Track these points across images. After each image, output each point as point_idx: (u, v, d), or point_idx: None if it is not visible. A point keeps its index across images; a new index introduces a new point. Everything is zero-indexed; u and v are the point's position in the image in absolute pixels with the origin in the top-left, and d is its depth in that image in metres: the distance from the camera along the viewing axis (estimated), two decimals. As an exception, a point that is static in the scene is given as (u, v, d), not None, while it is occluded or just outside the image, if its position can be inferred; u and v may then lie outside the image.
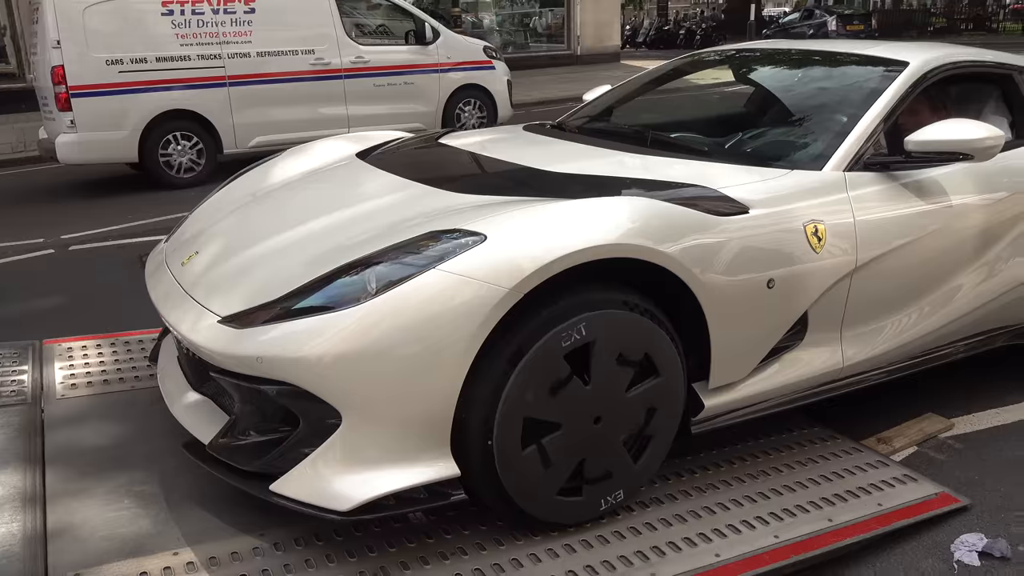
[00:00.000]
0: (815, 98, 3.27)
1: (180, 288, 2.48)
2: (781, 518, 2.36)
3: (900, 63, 3.08)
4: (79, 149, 7.57)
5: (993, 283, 3.01)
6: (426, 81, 9.24)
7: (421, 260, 2.07)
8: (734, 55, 4.03)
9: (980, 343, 3.13)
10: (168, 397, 2.56)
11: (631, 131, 3.44)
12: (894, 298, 2.77)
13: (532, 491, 2.18)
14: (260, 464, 2.12)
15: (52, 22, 7.29)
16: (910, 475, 2.62)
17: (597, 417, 2.23)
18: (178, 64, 7.85)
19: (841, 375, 2.72)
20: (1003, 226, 2.99)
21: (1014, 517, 2.49)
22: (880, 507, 2.44)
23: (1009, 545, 2.34)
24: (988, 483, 2.66)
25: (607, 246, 2.13)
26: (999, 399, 3.18)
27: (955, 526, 2.45)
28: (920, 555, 2.34)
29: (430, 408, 2.03)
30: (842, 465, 2.66)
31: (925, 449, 2.86)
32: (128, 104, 7.65)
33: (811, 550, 2.25)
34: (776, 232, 2.46)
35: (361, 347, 1.98)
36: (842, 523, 2.36)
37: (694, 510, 2.39)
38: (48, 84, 7.53)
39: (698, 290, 2.27)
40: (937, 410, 3.08)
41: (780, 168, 2.71)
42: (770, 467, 2.64)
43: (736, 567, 2.16)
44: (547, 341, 2.08)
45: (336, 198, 2.80)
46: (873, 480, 2.58)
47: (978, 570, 2.27)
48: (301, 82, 8.44)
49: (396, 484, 2.03)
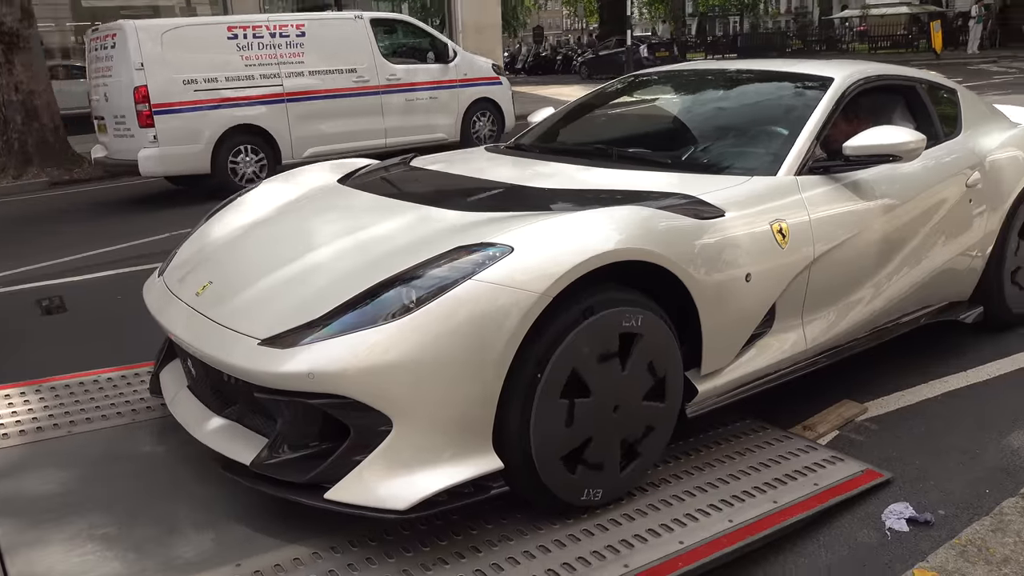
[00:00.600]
0: (758, 111, 3.64)
1: (204, 317, 2.54)
2: (732, 504, 2.53)
3: (826, 78, 3.47)
4: (160, 162, 8.39)
5: (920, 267, 3.43)
6: (448, 95, 10.49)
7: (456, 272, 2.22)
8: (674, 75, 4.41)
9: (909, 323, 3.53)
10: (188, 426, 2.59)
11: (594, 148, 3.71)
12: (843, 285, 3.13)
13: (549, 447, 2.33)
14: (313, 476, 2.21)
15: (135, 46, 8.14)
16: (837, 456, 2.85)
17: (616, 406, 2.45)
18: (243, 83, 8.78)
19: (806, 355, 3.05)
20: (924, 217, 3.41)
21: (931, 486, 2.75)
22: (816, 487, 2.65)
23: (931, 511, 2.59)
24: (905, 458, 2.92)
25: (623, 250, 2.37)
26: (903, 382, 3.48)
27: (883, 498, 2.68)
28: (856, 527, 2.56)
29: (474, 407, 2.20)
30: (777, 452, 2.87)
31: (846, 432, 3.11)
32: (202, 120, 8.50)
33: (763, 530, 2.42)
34: (749, 232, 2.76)
35: (409, 357, 2.12)
36: (786, 504, 2.55)
37: (653, 504, 2.53)
38: (126, 104, 8.29)
39: (692, 287, 2.53)
40: (851, 396, 3.34)
41: (740, 175, 3.02)
42: (714, 459, 2.81)
43: (699, 551, 2.31)
44: (609, 315, 2.34)
45: (343, 222, 2.92)
46: (806, 463, 2.79)
47: (908, 535, 2.49)
48: (345, 98, 9.51)
49: (447, 481, 2.17)
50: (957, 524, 2.52)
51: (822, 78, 3.50)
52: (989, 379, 3.50)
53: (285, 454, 2.27)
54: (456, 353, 2.14)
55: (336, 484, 2.17)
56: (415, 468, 2.16)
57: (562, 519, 2.44)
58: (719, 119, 3.75)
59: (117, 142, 8.69)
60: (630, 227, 2.43)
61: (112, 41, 8.43)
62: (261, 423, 2.40)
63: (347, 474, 2.16)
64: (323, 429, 2.25)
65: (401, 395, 2.13)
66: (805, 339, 3.01)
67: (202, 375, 2.66)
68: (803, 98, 3.42)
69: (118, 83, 8.43)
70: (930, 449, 2.97)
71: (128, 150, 8.43)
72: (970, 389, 3.42)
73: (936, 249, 3.49)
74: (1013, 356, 3.69)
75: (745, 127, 3.54)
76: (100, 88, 8.83)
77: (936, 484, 2.75)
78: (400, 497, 2.13)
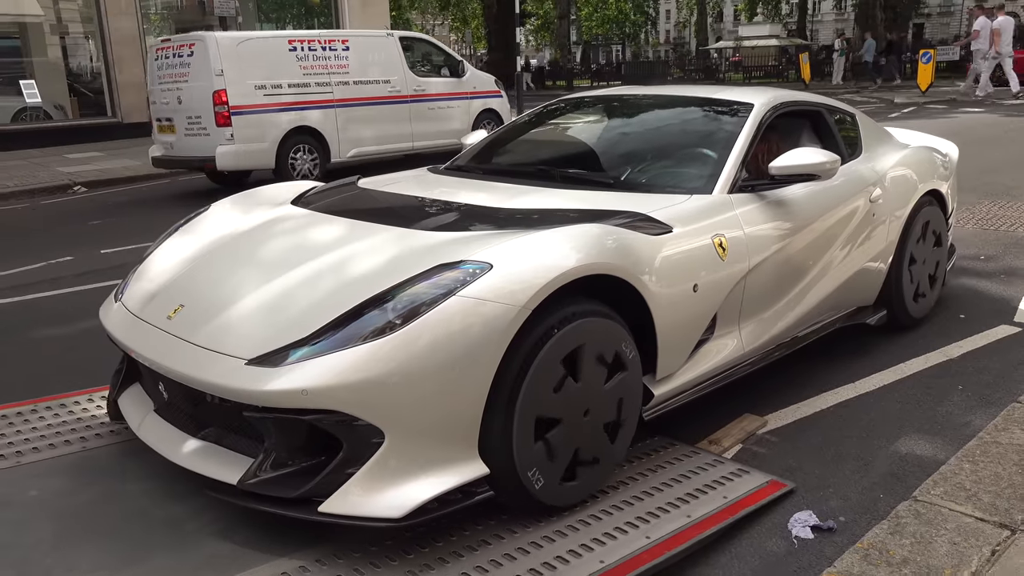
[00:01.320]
0: (688, 134, 3.90)
1: (182, 341, 2.55)
2: (648, 520, 2.58)
3: (747, 104, 3.78)
4: (235, 158, 9.52)
5: (835, 275, 3.77)
6: (462, 105, 11.94)
7: (440, 289, 2.35)
8: (604, 100, 4.65)
9: (824, 327, 3.85)
10: (162, 449, 2.62)
11: (535, 170, 3.86)
12: (773, 293, 3.42)
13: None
14: (305, 491, 2.27)
15: (215, 55, 9.34)
16: (743, 469, 2.95)
17: (587, 410, 2.60)
18: (302, 90, 10.04)
19: (744, 359, 3.31)
20: (838, 229, 3.75)
21: (830, 493, 2.88)
22: (726, 499, 2.73)
23: (832, 519, 2.71)
24: (805, 468, 3.05)
25: (592, 264, 2.56)
26: (798, 395, 3.64)
27: (787, 507, 2.78)
28: (764, 537, 2.64)
29: (461, 417, 2.32)
30: (687, 467, 2.94)
31: (749, 445, 3.22)
32: (269, 121, 9.72)
33: (680, 544, 2.47)
34: (695, 246, 3.01)
35: (400, 371, 2.22)
36: (699, 517, 2.61)
37: (572, 524, 2.55)
38: (203, 105, 9.41)
39: (648, 297, 2.74)
40: (751, 410, 3.47)
41: (679, 194, 3.26)
42: (627, 477, 2.86)
43: (620, 569, 2.34)
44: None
45: (312, 244, 3.00)
46: (715, 477, 2.88)
47: (813, 542, 2.60)
48: (382, 105, 10.83)
49: (439, 488, 2.28)
50: (857, 529, 2.65)
51: (743, 104, 3.79)
52: (874, 389, 3.70)
53: (273, 471, 2.32)
54: (445, 365, 2.25)
55: (330, 497, 2.23)
56: (407, 477, 2.26)
57: (497, 537, 2.44)
58: (653, 141, 3.97)
59: (188, 140, 9.77)
60: (597, 244, 2.63)
61: (190, 50, 9.56)
62: (240, 442, 2.47)
63: (340, 487, 2.23)
64: (309, 445, 2.32)
65: (393, 408, 2.23)
66: (742, 344, 3.27)
67: (176, 398, 2.66)
68: (728, 122, 3.70)
69: (196, 87, 9.51)
70: (827, 458, 3.11)
71: (202, 147, 9.55)
72: (859, 400, 3.61)
73: (848, 258, 3.82)
74: (893, 367, 3.92)
75: (678, 149, 3.79)
76: (171, 92, 9.88)
77: (835, 491, 2.89)
78: (395, 506, 2.22)
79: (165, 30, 19.06)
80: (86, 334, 4.83)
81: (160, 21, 18.87)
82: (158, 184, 11.24)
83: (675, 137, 3.92)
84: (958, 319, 4.53)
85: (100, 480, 2.82)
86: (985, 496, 2.60)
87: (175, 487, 2.69)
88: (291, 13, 21.90)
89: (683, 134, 3.92)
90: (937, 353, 4.06)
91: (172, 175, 11.51)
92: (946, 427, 3.33)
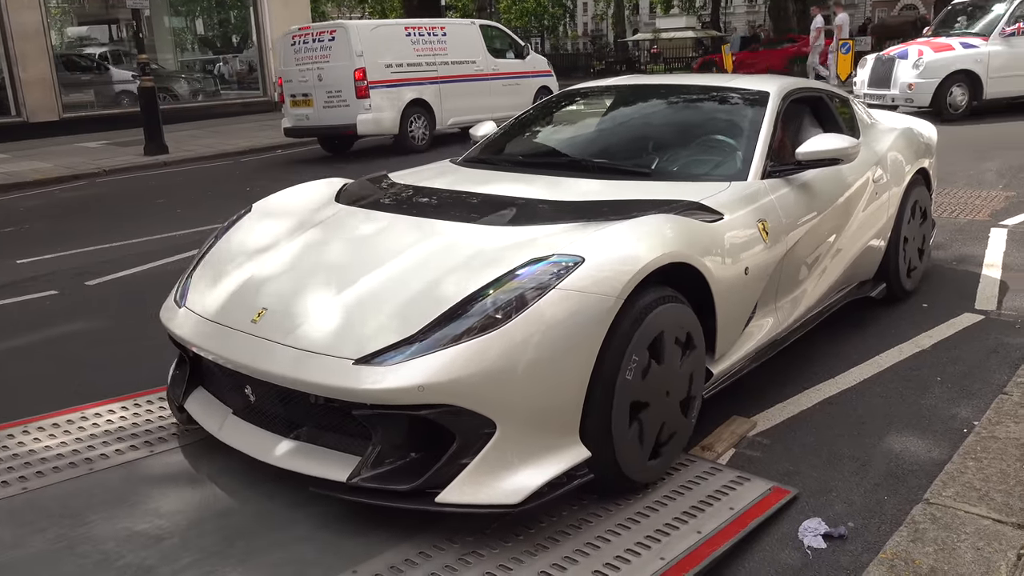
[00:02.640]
0: (711, 123, 3.96)
1: (276, 343, 2.56)
2: (659, 539, 2.43)
3: (763, 92, 3.91)
4: (372, 124, 11.70)
5: (849, 251, 3.98)
6: (525, 83, 14.28)
7: (538, 283, 2.43)
8: (621, 89, 4.66)
9: (836, 303, 4.03)
10: (253, 451, 2.63)
11: (567, 161, 3.92)
12: (803, 271, 3.61)
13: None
14: (420, 483, 2.31)
15: (356, 39, 11.46)
16: (743, 476, 2.83)
17: (668, 391, 2.73)
18: (416, 68, 12.26)
19: (779, 336, 3.46)
20: (850, 208, 3.94)
21: (834, 497, 2.78)
22: (732, 510, 2.61)
23: (843, 525, 2.61)
24: (803, 471, 2.95)
25: (671, 253, 2.69)
26: (780, 393, 3.56)
27: (793, 515, 2.68)
28: (776, 549, 2.53)
29: (565, 404, 2.42)
30: (686, 477, 2.81)
31: (742, 450, 3.11)
32: (395, 94, 11.89)
33: (696, 564, 2.33)
34: (745, 231, 3.15)
35: (508, 363, 2.30)
36: (709, 533, 2.48)
37: (580, 548, 2.38)
38: (344, 82, 11.50)
39: (712, 282, 2.87)
40: (736, 411, 3.36)
41: (718, 181, 3.38)
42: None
43: (640, 597, 2.19)
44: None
45: (384, 242, 3.01)
46: (716, 487, 2.75)
47: (826, 551, 2.50)
48: (470, 82, 13.11)
49: (549, 473, 2.37)
50: (868, 534, 2.56)
51: (759, 92, 3.93)
52: (855, 384, 3.65)
53: (381, 467, 2.37)
54: (549, 356, 2.35)
55: (446, 487, 2.29)
56: (519, 464, 2.34)
57: (504, 569, 2.26)
58: (678, 131, 4.03)
59: (327, 112, 11.82)
60: (672, 233, 2.77)
61: (331, 36, 11.59)
62: (334, 440, 2.52)
63: (455, 477, 2.29)
64: (413, 440, 2.38)
65: (503, 399, 2.31)
66: (779, 322, 3.45)
67: (265, 400, 2.67)
68: (749, 110, 3.83)
69: (337, 66, 11.54)
70: (823, 460, 3.03)
71: (342, 117, 11.67)
72: (842, 396, 3.54)
73: (858, 235, 4.03)
74: (870, 360, 3.88)
75: (705, 138, 3.86)
76: (310, 71, 11.83)
77: (838, 495, 2.79)
78: (511, 492, 2.31)
79: (67, 23, 18.17)
80: (14, 353, 4.44)
81: (61, 15, 17.95)
82: (72, 187, 10.65)
83: (699, 126, 3.98)
84: (922, 308, 4.53)
85: (179, 481, 2.82)
86: (997, 495, 2.54)
87: (250, 487, 2.73)
88: (201, 6, 21.17)
89: (707, 123, 3.98)
90: (909, 344, 4.04)
91: (89, 176, 11.13)
92: (934, 421, 3.29)
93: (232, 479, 2.79)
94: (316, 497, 2.50)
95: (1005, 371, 3.68)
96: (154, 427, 3.20)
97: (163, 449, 3.03)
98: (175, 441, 3.08)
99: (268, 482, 2.70)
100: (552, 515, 2.55)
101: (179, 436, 3.11)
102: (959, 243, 5.77)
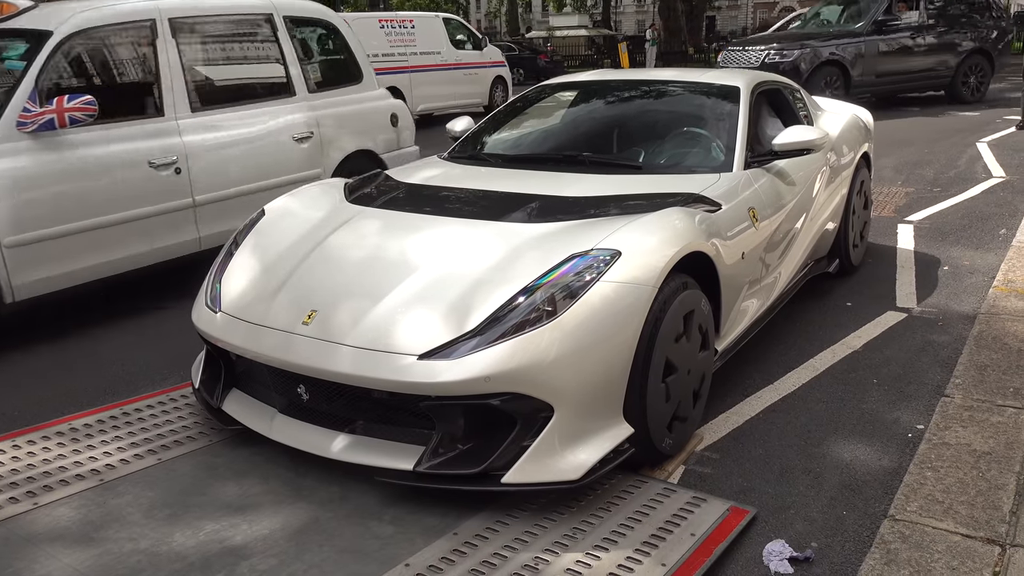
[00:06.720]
0: (688, 117, 4.14)
1: (336, 344, 2.64)
2: (623, 576, 2.25)
3: (733, 86, 4.14)
4: None
5: (812, 231, 4.27)
6: (483, 73, 15.74)
7: (582, 276, 2.63)
8: (594, 84, 4.78)
9: (800, 280, 4.27)
10: (310, 448, 2.72)
11: (562, 156, 4.02)
12: (779, 253, 3.87)
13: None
14: (486, 466, 2.48)
15: None
16: (698, 496, 2.68)
17: (689, 369, 2.95)
18: (391, 58, 13.37)
19: (761, 315, 3.70)
20: (811, 190, 4.20)
21: (792, 515, 2.66)
22: (694, 536, 2.45)
23: (808, 547, 2.49)
24: (756, 487, 2.83)
25: (692, 244, 2.90)
26: (721, 402, 3.42)
27: (754, 536, 2.55)
28: (742, 575, 2.38)
29: (612, 386, 2.62)
30: (640, 501, 2.64)
31: (691, 466, 2.97)
32: None
33: (667, 603, 2.16)
34: (740, 219, 3.40)
35: (562, 352, 2.48)
36: (675, 564, 2.32)
37: (541, 593, 2.17)
38: None
39: (719, 267, 3.11)
40: (681, 424, 3.22)
41: (708, 173, 3.61)
42: (588, 515, 2.54)
43: (612, 646, 1.99)
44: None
45: (418, 242, 3.06)
46: (673, 510, 2.59)
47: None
48: (435, 71, 14.42)
49: (603, 450, 2.58)
50: (833, 555, 2.45)
51: (730, 86, 4.15)
52: (795, 390, 3.57)
53: (447, 453, 2.52)
54: (597, 342, 2.54)
55: (510, 469, 2.46)
56: (575, 443, 2.54)
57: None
58: (658, 125, 4.19)
59: None
60: (691, 225, 2.98)
61: None
62: (389, 432, 2.66)
63: (516, 459, 2.46)
64: (470, 427, 2.54)
65: (559, 384, 2.48)
66: (761, 303, 3.70)
67: (318, 397, 2.74)
68: (723, 103, 4.06)
69: None
70: (776, 473, 2.91)
71: None
72: (784, 403, 3.45)
73: (819, 215, 4.34)
74: (805, 364, 3.82)
75: (685, 131, 4.05)
76: None
77: (796, 512, 2.68)
78: (570, 469, 2.49)
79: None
80: None
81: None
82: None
83: (680, 120, 4.14)
84: (846, 308, 4.53)
85: (220, 476, 2.84)
86: (960, 508, 2.47)
87: (304, 479, 2.79)
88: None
89: (685, 117, 4.14)
90: (840, 346, 4.01)
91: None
92: (877, 427, 3.23)
93: (244, 482, 2.79)
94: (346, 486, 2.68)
95: (937, 371, 3.68)
96: (152, 435, 3.14)
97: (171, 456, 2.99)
98: (177, 449, 3.05)
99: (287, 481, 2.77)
100: (509, 550, 2.32)
101: (181, 443, 3.07)
102: (870, 240, 5.85)
